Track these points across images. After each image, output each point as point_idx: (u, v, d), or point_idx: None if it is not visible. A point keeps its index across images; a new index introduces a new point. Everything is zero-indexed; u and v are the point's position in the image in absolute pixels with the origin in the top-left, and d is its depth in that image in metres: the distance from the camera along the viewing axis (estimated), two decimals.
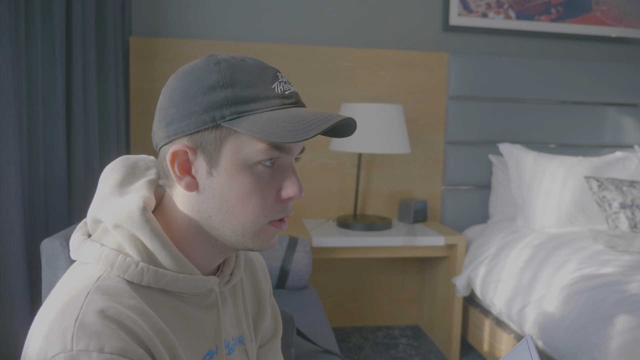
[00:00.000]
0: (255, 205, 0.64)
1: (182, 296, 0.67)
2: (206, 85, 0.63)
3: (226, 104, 0.62)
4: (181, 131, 0.63)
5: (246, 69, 0.64)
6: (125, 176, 0.70)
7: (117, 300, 0.58)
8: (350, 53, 2.43)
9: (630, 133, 2.68)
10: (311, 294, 1.85)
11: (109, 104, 1.98)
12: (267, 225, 0.66)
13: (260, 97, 0.63)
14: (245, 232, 0.65)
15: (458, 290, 2.20)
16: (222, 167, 0.63)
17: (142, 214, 0.63)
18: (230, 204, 0.64)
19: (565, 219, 2.18)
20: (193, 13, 2.38)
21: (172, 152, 0.64)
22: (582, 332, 1.51)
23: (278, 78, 0.65)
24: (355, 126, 0.69)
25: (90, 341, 0.53)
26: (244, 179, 0.63)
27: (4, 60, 1.27)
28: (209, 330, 0.70)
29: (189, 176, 0.64)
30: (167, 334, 0.61)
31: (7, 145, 1.29)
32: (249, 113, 0.62)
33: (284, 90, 0.65)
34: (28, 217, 1.48)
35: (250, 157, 0.63)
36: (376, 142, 2.12)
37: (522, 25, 2.60)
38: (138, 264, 0.62)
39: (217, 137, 0.62)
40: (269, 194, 0.65)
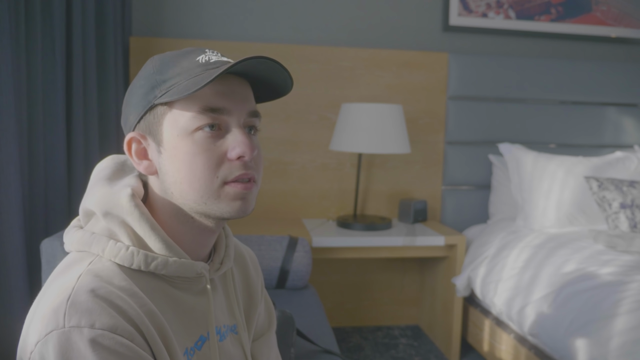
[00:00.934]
0: (202, 167, 0.65)
1: (173, 281, 0.69)
2: (144, 77, 0.69)
3: (156, 85, 0.67)
4: (132, 123, 0.69)
5: (174, 53, 0.70)
6: (115, 172, 0.73)
7: (108, 281, 0.60)
8: (350, 53, 2.43)
9: (630, 133, 2.68)
10: (311, 294, 1.85)
11: (109, 104, 1.98)
12: (225, 187, 0.67)
13: (182, 70, 0.67)
14: (204, 199, 0.66)
15: (458, 290, 2.20)
16: (166, 142, 0.67)
17: (130, 200, 0.66)
18: (181, 173, 0.66)
19: (565, 219, 2.18)
20: (193, 13, 2.38)
21: (126, 142, 0.69)
22: (582, 332, 1.51)
23: (205, 52, 0.69)
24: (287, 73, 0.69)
25: (82, 318, 0.56)
26: (186, 146, 0.65)
27: (4, 60, 1.27)
28: (200, 315, 0.71)
29: (146, 160, 0.69)
30: (157, 316, 0.62)
31: (7, 145, 1.30)
32: (175, 86, 0.65)
33: (209, 59, 0.68)
34: (28, 217, 1.48)
35: (187, 126, 0.65)
36: (376, 142, 2.12)
37: (522, 25, 2.60)
38: (128, 248, 0.64)
39: (155, 117, 0.67)
40: (214, 155, 0.66)
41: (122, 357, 0.56)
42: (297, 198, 2.46)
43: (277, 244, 1.85)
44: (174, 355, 0.64)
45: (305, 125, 2.43)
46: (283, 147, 2.42)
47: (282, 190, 2.45)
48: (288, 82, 0.71)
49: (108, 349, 0.55)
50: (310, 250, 1.88)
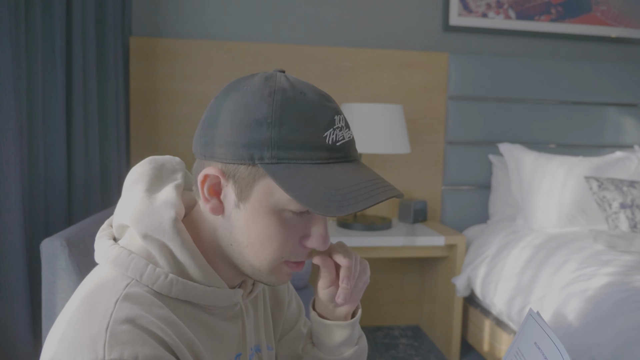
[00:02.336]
0: (275, 248, 0.63)
1: (207, 308, 0.66)
2: (253, 118, 0.59)
3: (268, 145, 0.58)
4: (217, 157, 0.61)
5: (300, 108, 0.60)
6: (153, 180, 0.68)
7: (147, 310, 0.57)
8: (350, 53, 2.43)
9: (630, 133, 2.68)
10: (311, 294, 1.85)
11: (109, 104, 1.98)
12: (283, 264, 0.65)
13: (306, 145, 0.59)
14: (261, 268, 0.64)
15: (458, 290, 2.20)
16: (251, 204, 0.61)
17: (173, 225, 0.62)
18: (251, 240, 0.62)
19: (566, 219, 2.18)
20: (193, 13, 2.38)
21: (204, 175, 0.62)
22: (582, 332, 1.51)
23: (334, 123, 0.61)
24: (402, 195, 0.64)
25: (124, 350, 0.52)
26: (269, 221, 0.61)
27: (4, 60, 1.27)
28: (231, 341, 0.69)
29: (217, 200, 0.63)
30: (195, 344, 0.61)
31: (7, 145, 1.29)
32: (290, 161, 0.59)
33: (336, 140, 0.61)
34: (28, 217, 1.48)
35: (280, 204, 0.61)
36: (376, 142, 2.12)
37: (522, 25, 2.60)
38: (167, 276, 0.61)
39: (251, 175, 0.60)
40: (291, 239, 0.63)
41: None
42: None
43: None
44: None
45: None
46: None
47: None
48: None
49: None
50: None
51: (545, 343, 0.59)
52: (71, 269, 1.02)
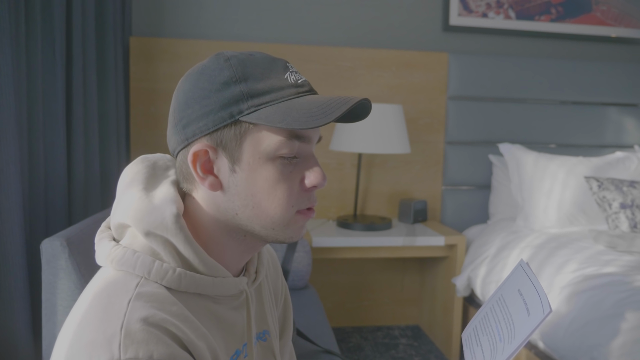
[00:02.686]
0: (282, 197, 0.64)
1: (216, 298, 0.67)
2: (219, 82, 0.62)
3: (242, 98, 0.62)
4: (200, 131, 0.63)
5: (256, 63, 0.64)
6: (148, 178, 0.68)
7: (160, 307, 0.58)
8: (350, 53, 2.43)
9: (631, 133, 2.68)
10: (311, 294, 1.85)
11: (109, 104, 1.98)
12: (296, 215, 0.66)
13: (274, 88, 0.63)
14: (274, 226, 0.65)
15: (458, 290, 2.20)
16: (245, 162, 0.63)
17: (176, 221, 0.62)
18: (256, 198, 0.63)
19: (566, 219, 2.18)
20: (193, 13, 2.37)
21: (193, 153, 0.63)
22: (582, 332, 1.51)
23: (289, 68, 0.66)
24: (371, 106, 0.69)
25: (139, 349, 0.53)
26: (267, 171, 0.63)
27: (4, 60, 1.27)
28: (238, 330, 0.70)
29: (212, 176, 0.64)
30: (208, 338, 0.61)
31: (7, 145, 1.29)
32: (266, 105, 0.62)
33: (297, 79, 0.65)
34: (28, 217, 1.48)
35: (272, 150, 0.62)
36: (376, 142, 2.12)
37: (522, 25, 2.60)
38: (175, 270, 0.61)
39: (236, 133, 0.62)
40: (293, 184, 0.65)
41: None
42: None
43: (277, 244, 1.85)
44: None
45: None
46: None
47: None
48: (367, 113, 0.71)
49: None
50: (310, 250, 1.88)
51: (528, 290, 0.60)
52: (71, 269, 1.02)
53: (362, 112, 0.70)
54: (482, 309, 0.64)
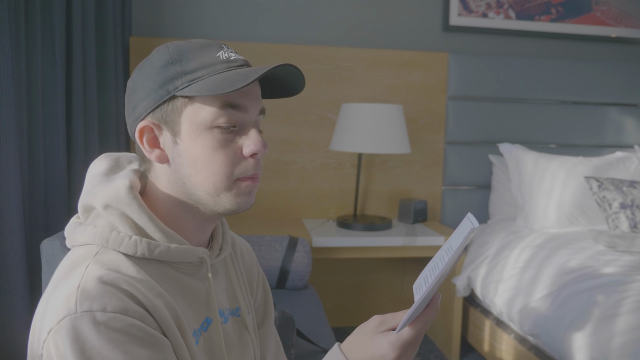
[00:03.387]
0: (221, 163, 0.68)
1: (178, 266, 0.71)
2: (158, 65, 0.68)
3: (177, 76, 0.67)
4: (144, 110, 0.69)
5: (191, 45, 0.70)
6: (111, 168, 0.74)
7: (115, 269, 0.62)
8: (350, 53, 2.43)
9: (631, 133, 2.68)
10: (311, 294, 1.85)
11: (109, 104, 1.98)
12: (238, 182, 0.70)
13: (206, 64, 0.68)
14: (218, 191, 0.69)
15: (458, 291, 2.20)
16: (184, 133, 0.68)
17: (129, 192, 0.68)
18: (198, 165, 0.68)
19: (566, 219, 2.18)
20: (193, 13, 2.37)
21: (139, 130, 0.69)
22: (582, 332, 1.51)
23: (222, 48, 0.71)
24: (303, 76, 0.73)
25: (93, 302, 0.58)
26: (205, 140, 0.67)
27: (4, 60, 1.27)
28: (204, 299, 0.74)
29: (158, 149, 0.70)
30: (166, 297, 0.65)
31: (7, 145, 1.29)
32: (199, 79, 0.67)
33: (229, 56, 0.70)
34: (28, 217, 1.48)
35: (208, 120, 0.67)
36: (376, 142, 2.12)
37: (522, 25, 2.60)
38: (131, 237, 0.66)
39: (175, 108, 0.68)
40: (232, 152, 0.69)
41: (134, 337, 0.58)
42: (297, 198, 2.46)
43: (277, 244, 1.85)
44: (185, 335, 0.67)
45: (305, 125, 2.43)
46: (283, 147, 2.42)
47: (282, 190, 2.45)
48: (300, 86, 0.75)
49: (120, 331, 0.58)
50: (310, 250, 1.88)
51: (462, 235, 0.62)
52: None
53: (295, 83, 0.75)
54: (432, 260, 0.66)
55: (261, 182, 2.42)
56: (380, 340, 0.65)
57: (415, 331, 0.64)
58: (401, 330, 0.65)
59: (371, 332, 0.67)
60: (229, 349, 0.76)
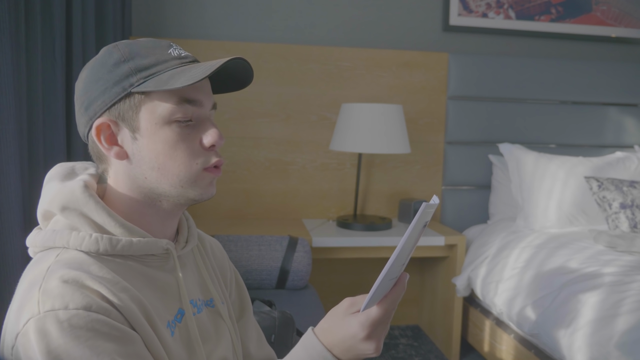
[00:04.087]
0: (183, 155, 0.70)
1: (143, 260, 0.71)
2: (110, 64, 0.69)
3: (131, 73, 0.68)
4: (100, 109, 0.69)
5: (141, 44, 0.71)
6: (65, 175, 0.75)
7: (77, 268, 0.62)
8: (350, 53, 2.43)
9: (631, 133, 2.68)
10: (311, 294, 1.85)
11: None
12: (202, 172, 0.71)
13: (159, 61, 0.70)
14: (182, 183, 0.70)
15: (458, 290, 2.20)
16: (143, 129, 0.69)
17: (84, 191, 0.69)
18: (160, 159, 0.69)
19: (566, 219, 2.18)
20: (193, 13, 2.37)
21: (96, 127, 0.70)
22: (582, 332, 1.51)
23: (172, 46, 0.73)
24: (251, 68, 0.74)
25: (55, 302, 0.58)
26: (165, 135, 0.69)
27: (4, 60, 1.27)
28: (175, 290, 0.74)
29: (117, 146, 0.70)
30: (131, 290, 0.65)
31: (7, 145, 1.29)
32: (153, 75, 0.68)
33: (180, 53, 0.72)
34: (28, 217, 1.48)
35: (166, 115, 0.68)
36: (376, 142, 2.12)
37: (522, 25, 2.60)
38: (92, 235, 0.66)
39: (132, 104, 0.69)
40: (192, 144, 0.70)
41: (99, 333, 0.58)
42: (297, 198, 2.46)
43: (277, 244, 1.85)
44: (156, 328, 0.67)
45: (305, 125, 2.43)
46: (283, 147, 2.42)
47: (282, 190, 2.45)
48: (249, 79, 0.77)
49: (85, 327, 0.58)
50: (310, 250, 1.88)
51: None
52: None
53: (245, 76, 0.77)
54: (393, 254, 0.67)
55: (261, 182, 2.42)
56: (350, 321, 0.67)
57: (383, 309, 0.66)
58: (369, 310, 0.66)
59: (342, 314, 0.68)
60: (205, 339, 0.76)
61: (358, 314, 0.67)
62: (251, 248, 1.82)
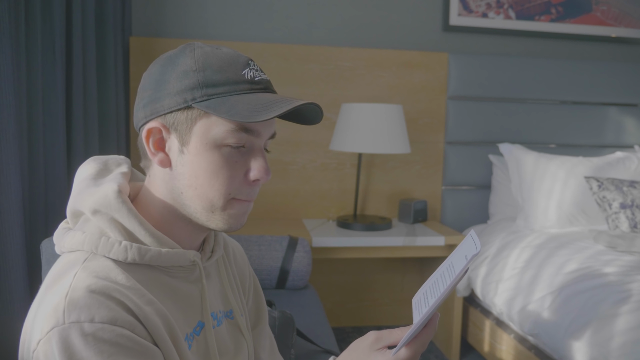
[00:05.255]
0: (222, 182, 0.67)
1: (168, 271, 0.70)
2: (180, 69, 0.67)
3: (197, 86, 0.66)
4: (156, 112, 0.67)
5: (219, 56, 0.68)
6: (98, 172, 0.73)
7: (105, 277, 0.61)
8: (350, 53, 2.43)
9: (631, 133, 2.68)
10: (311, 294, 1.85)
11: (109, 104, 1.98)
12: (233, 201, 0.69)
13: (229, 81, 0.66)
14: (213, 208, 0.68)
15: (458, 291, 2.20)
16: (193, 145, 0.67)
17: (117, 196, 0.67)
18: (199, 180, 0.67)
19: (566, 219, 2.18)
20: (193, 13, 2.37)
21: (147, 130, 0.68)
22: (582, 332, 1.51)
23: (249, 65, 0.69)
24: (322, 112, 0.72)
25: (81, 313, 0.57)
26: (212, 157, 0.66)
27: (4, 60, 1.27)
28: (196, 302, 0.73)
29: (162, 153, 0.69)
30: (156, 304, 0.64)
31: (7, 145, 1.29)
32: (218, 96, 0.66)
33: (254, 76, 0.68)
34: (28, 217, 1.48)
35: (219, 138, 0.66)
36: (376, 142, 2.12)
37: (522, 25, 2.60)
38: (121, 243, 0.65)
39: (188, 118, 0.66)
40: (236, 173, 0.68)
41: (123, 348, 0.58)
42: (297, 198, 2.46)
43: (277, 244, 1.85)
44: (177, 341, 0.66)
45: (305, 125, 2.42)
46: (283, 147, 2.42)
47: (282, 190, 2.45)
48: (317, 120, 0.74)
49: (109, 342, 0.57)
50: (310, 250, 1.88)
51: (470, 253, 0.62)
52: None
53: (312, 116, 0.73)
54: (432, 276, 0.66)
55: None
56: (377, 358, 0.64)
57: (412, 351, 0.64)
58: (399, 352, 0.64)
59: (367, 349, 0.66)
60: (222, 352, 0.75)
61: (385, 351, 0.64)
62: (251, 248, 1.82)
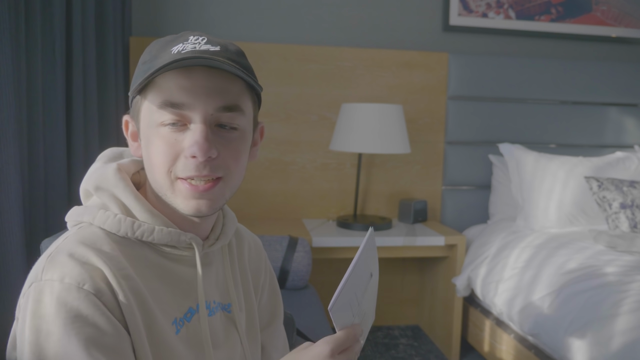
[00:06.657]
0: (161, 161, 0.66)
1: (162, 250, 0.71)
2: (140, 62, 0.70)
3: (138, 75, 0.69)
4: (129, 106, 0.73)
5: (163, 42, 0.69)
6: (112, 157, 0.78)
7: (90, 244, 0.64)
8: (350, 53, 2.43)
9: (631, 133, 2.68)
10: (311, 294, 1.85)
11: (109, 104, 1.98)
12: (177, 182, 0.67)
13: (158, 63, 0.65)
14: (163, 190, 0.68)
15: (458, 290, 2.20)
16: (142, 131, 0.70)
17: (115, 173, 0.70)
18: (150, 162, 0.69)
19: (566, 219, 2.18)
20: (193, 13, 2.37)
21: (124, 123, 0.74)
22: (582, 332, 1.51)
23: (188, 40, 0.67)
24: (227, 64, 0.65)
25: (54, 272, 0.60)
26: (154, 138, 0.67)
27: (4, 60, 1.27)
28: (189, 287, 0.72)
29: (136, 142, 0.73)
30: (134, 280, 0.65)
31: (7, 145, 1.29)
32: (147, 79, 0.65)
33: (183, 49, 0.65)
34: (28, 217, 1.48)
35: (154, 119, 0.67)
36: (376, 142, 2.12)
37: (522, 25, 2.60)
38: (116, 215, 0.68)
39: (135, 108, 0.70)
40: (172, 150, 0.66)
41: (80, 314, 0.59)
42: (297, 198, 2.46)
43: (277, 244, 1.85)
44: (156, 322, 0.66)
45: (305, 125, 2.43)
46: (283, 147, 2.42)
47: (282, 190, 2.45)
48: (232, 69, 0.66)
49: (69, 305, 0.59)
50: (310, 250, 1.88)
51: None
52: None
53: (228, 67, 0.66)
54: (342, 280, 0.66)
55: (261, 182, 2.42)
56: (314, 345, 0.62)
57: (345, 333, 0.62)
58: None
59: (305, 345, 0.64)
60: (214, 345, 0.73)
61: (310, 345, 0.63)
62: None
